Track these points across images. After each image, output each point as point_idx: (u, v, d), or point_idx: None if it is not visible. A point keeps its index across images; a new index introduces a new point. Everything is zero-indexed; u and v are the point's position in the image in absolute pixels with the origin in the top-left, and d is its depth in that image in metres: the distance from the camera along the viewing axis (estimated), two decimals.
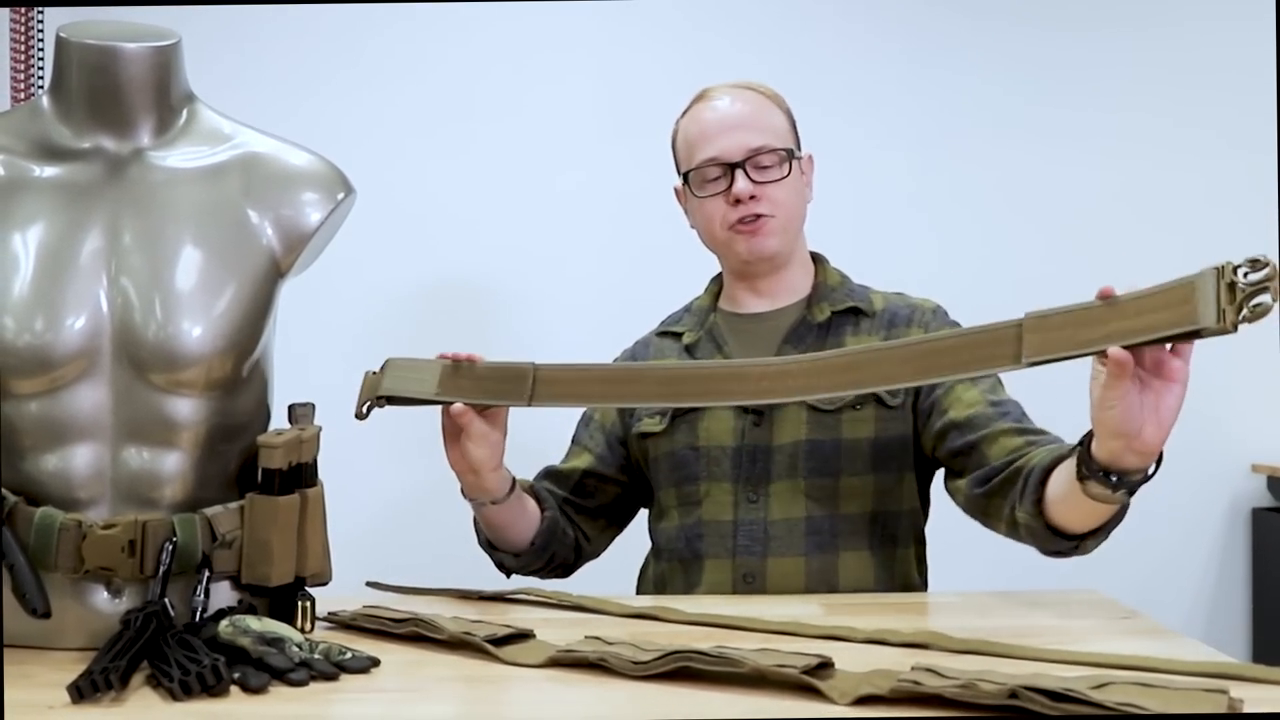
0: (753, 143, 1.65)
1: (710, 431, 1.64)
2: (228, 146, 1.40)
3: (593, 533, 1.78)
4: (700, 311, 1.77)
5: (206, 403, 1.31)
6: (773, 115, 1.69)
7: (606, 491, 1.77)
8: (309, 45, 2.71)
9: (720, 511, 1.63)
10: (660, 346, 1.77)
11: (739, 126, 1.66)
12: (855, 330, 1.67)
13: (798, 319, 1.68)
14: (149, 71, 1.35)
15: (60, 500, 1.27)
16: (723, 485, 1.63)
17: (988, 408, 1.55)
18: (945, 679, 0.98)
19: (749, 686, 1.05)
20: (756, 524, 1.60)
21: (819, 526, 1.60)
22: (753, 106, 1.68)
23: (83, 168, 1.34)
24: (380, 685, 1.13)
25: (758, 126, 1.66)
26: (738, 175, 1.63)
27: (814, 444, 1.60)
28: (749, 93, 1.70)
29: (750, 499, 1.61)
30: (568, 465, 1.78)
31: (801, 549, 1.59)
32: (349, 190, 1.42)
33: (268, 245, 1.37)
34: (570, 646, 1.17)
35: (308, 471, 1.35)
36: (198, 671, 1.07)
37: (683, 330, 1.76)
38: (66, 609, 1.26)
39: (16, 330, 1.26)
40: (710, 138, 1.66)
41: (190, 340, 1.28)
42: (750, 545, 1.60)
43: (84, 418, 1.28)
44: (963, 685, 0.95)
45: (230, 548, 1.31)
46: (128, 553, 1.26)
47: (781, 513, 1.60)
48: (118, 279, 1.29)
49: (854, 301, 1.69)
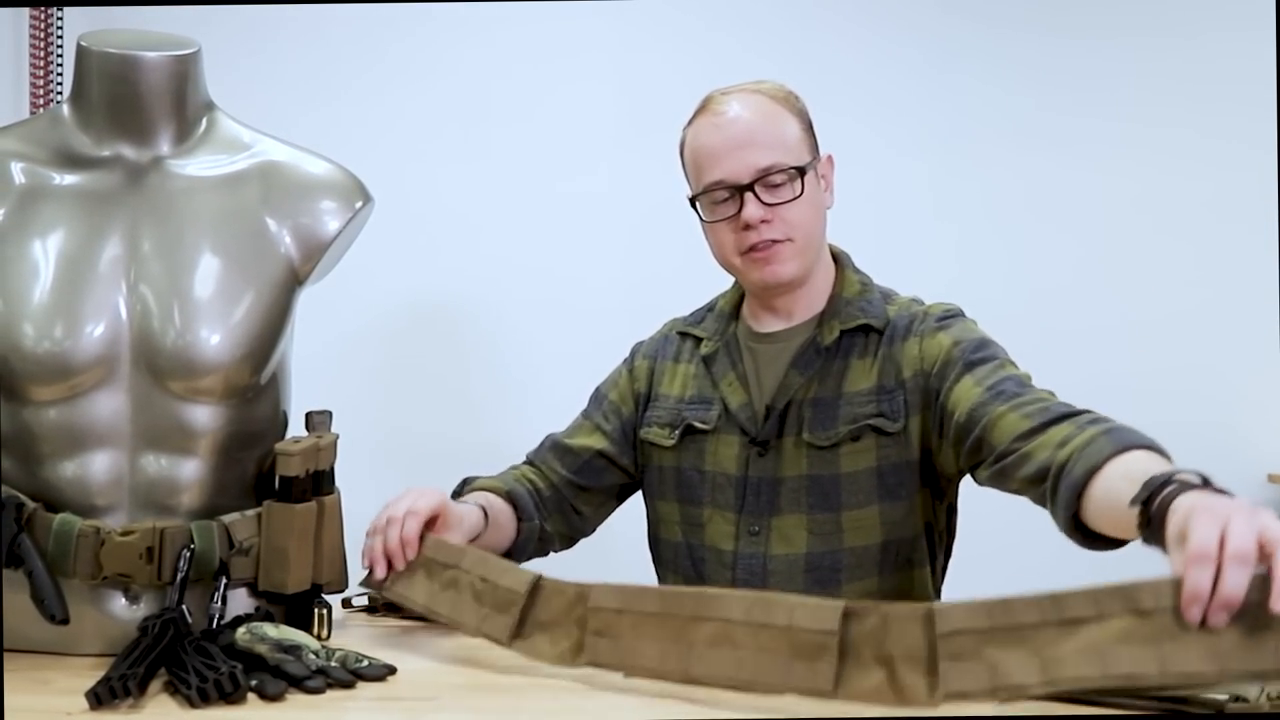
0: (761, 162, 1.54)
1: (717, 456, 1.61)
2: (246, 155, 1.41)
3: (589, 510, 1.73)
4: (722, 318, 1.71)
5: (224, 410, 1.32)
6: (784, 124, 1.58)
7: (613, 474, 1.72)
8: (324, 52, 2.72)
9: (722, 540, 1.59)
10: (680, 348, 1.73)
11: (746, 144, 1.55)
12: (862, 352, 1.58)
13: (807, 340, 1.61)
14: (169, 80, 1.36)
15: (79, 507, 1.28)
16: (725, 514, 1.59)
17: (983, 395, 1.44)
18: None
19: (763, 696, 1.05)
20: (756, 558, 1.56)
21: (818, 562, 1.55)
22: (761, 117, 1.57)
23: (102, 176, 1.35)
24: (396, 693, 1.14)
25: (766, 142, 1.55)
26: (747, 199, 1.53)
27: (814, 479, 1.55)
28: (757, 98, 1.59)
29: (752, 531, 1.57)
30: (578, 442, 1.72)
31: (800, 585, 1.54)
32: (367, 199, 1.43)
33: (286, 253, 1.37)
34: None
35: (325, 479, 1.36)
36: (215, 678, 1.07)
37: (703, 335, 1.71)
38: (84, 615, 1.27)
39: (36, 337, 1.26)
40: (716, 158, 1.56)
41: (208, 348, 1.29)
42: (749, 580, 1.56)
43: (102, 425, 1.29)
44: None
45: (247, 555, 1.32)
46: (146, 559, 1.26)
47: (782, 548, 1.56)
48: (137, 286, 1.30)
49: (865, 319, 1.59)
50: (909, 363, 1.54)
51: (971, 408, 1.44)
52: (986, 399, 1.43)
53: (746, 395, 1.61)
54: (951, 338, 1.53)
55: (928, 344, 1.54)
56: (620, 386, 1.75)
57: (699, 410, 1.63)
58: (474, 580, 1.29)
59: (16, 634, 1.28)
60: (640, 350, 1.78)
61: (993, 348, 1.53)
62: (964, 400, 1.46)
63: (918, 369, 1.53)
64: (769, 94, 1.60)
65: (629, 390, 1.73)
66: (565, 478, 1.70)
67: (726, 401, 1.61)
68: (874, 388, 1.55)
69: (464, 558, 1.32)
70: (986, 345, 1.53)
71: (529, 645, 1.21)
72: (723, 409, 1.61)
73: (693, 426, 1.62)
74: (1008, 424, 1.38)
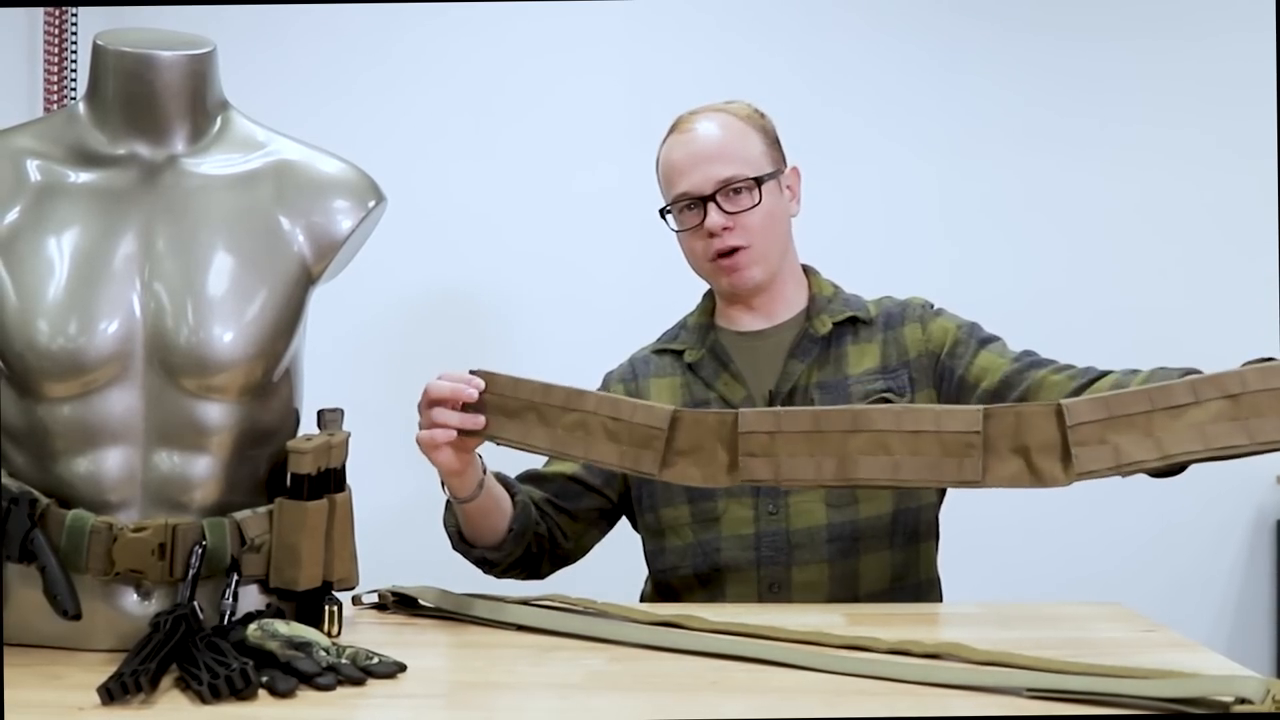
0: (722, 174, 1.67)
1: None
2: (261, 154, 1.41)
3: (571, 533, 1.74)
4: (698, 329, 1.77)
5: (237, 408, 1.32)
6: (746, 140, 1.70)
7: (591, 497, 1.74)
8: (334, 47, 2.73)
9: (741, 526, 1.64)
10: (660, 364, 1.77)
11: (709, 159, 1.68)
12: (856, 339, 1.70)
13: (799, 333, 1.71)
14: (184, 79, 1.37)
15: (91, 503, 1.28)
16: (742, 501, 1.64)
17: (1013, 364, 1.59)
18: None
19: (765, 695, 1.06)
20: (779, 534, 1.62)
21: (840, 532, 1.62)
22: (726, 133, 1.70)
23: (117, 174, 1.36)
24: (407, 690, 1.14)
25: (726, 156, 1.68)
26: (709, 208, 1.66)
27: None
28: (723, 116, 1.72)
29: (770, 511, 1.63)
30: (550, 469, 1.75)
31: (824, 555, 1.62)
32: (380, 198, 1.43)
33: (299, 252, 1.38)
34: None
35: (336, 477, 1.36)
36: (226, 675, 1.08)
37: (683, 348, 1.76)
38: (96, 611, 1.28)
39: (50, 334, 1.27)
40: (683, 172, 1.69)
41: (221, 346, 1.30)
42: (774, 555, 1.62)
43: (116, 421, 1.29)
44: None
45: (259, 552, 1.32)
46: (158, 555, 1.27)
47: (802, 521, 1.63)
48: (151, 284, 1.31)
49: (852, 311, 1.72)
50: (913, 344, 1.69)
51: (1006, 375, 1.59)
52: (1020, 366, 1.59)
53: (745, 389, 1.68)
54: (954, 322, 1.70)
55: (932, 327, 1.70)
56: None
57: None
58: (604, 421, 1.35)
59: (29, 629, 1.29)
60: (613, 377, 1.81)
61: (988, 330, 1.70)
62: (993, 369, 1.61)
63: (923, 349, 1.68)
64: (734, 113, 1.74)
65: None
66: (544, 498, 1.72)
67: (726, 398, 1.67)
68: (878, 367, 1.67)
69: (585, 400, 1.37)
70: (983, 327, 1.70)
71: (677, 472, 1.31)
72: (722, 405, 1.65)
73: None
74: (1054, 383, 1.53)
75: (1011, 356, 1.62)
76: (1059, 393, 1.49)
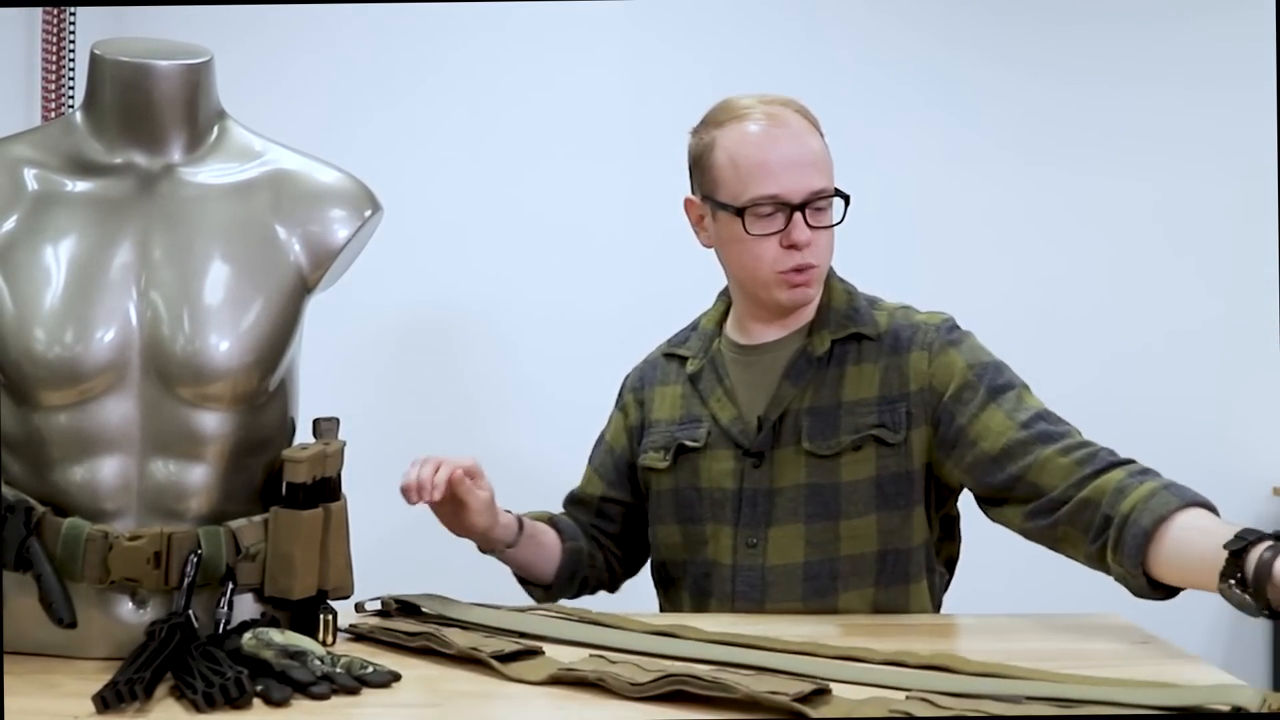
0: (815, 184, 1.54)
1: (711, 473, 1.60)
2: (257, 163, 1.41)
3: (623, 554, 1.77)
4: (706, 336, 1.71)
5: (233, 417, 1.32)
6: (823, 147, 1.58)
7: (626, 516, 1.75)
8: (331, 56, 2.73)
9: (721, 555, 1.59)
10: (666, 371, 1.73)
11: (805, 164, 1.54)
12: (858, 359, 1.59)
13: (798, 351, 1.60)
14: (181, 89, 1.37)
15: (87, 511, 1.28)
16: (724, 529, 1.59)
17: (1019, 431, 1.47)
18: (939, 708, 1.00)
19: (745, 710, 1.06)
20: (754, 570, 1.56)
21: (816, 571, 1.55)
22: (808, 136, 1.57)
23: (114, 183, 1.36)
24: (401, 700, 1.14)
25: (820, 164, 1.56)
26: (797, 220, 1.53)
27: (814, 488, 1.55)
28: (799, 119, 1.58)
29: (749, 544, 1.57)
30: (584, 491, 1.78)
31: (799, 595, 1.55)
32: (376, 208, 1.44)
33: (295, 261, 1.38)
34: (573, 665, 1.18)
35: (332, 486, 1.36)
36: (221, 684, 1.08)
37: (688, 355, 1.71)
38: (92, 619, 1.28)
39: (47, 342, 1.27)
40: (774, 173, 1.53)
41: (218, 355, 1.30)
42: (748, 591, 1.56)
43: (112, 430, 1.29)
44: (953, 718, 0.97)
45: (254, 560, 1.32)
46: (153, 564, 1.27)
47: (779, 558, 1.56)
48: (147, 293, 1.31)
49: (855, 327, 1.60)
50: (916, 376, 1.55)
51: (1008, 444, 1.47)
52: (1027, 438, 1.46)
53: (736, 409, 1.62)
54: (964, 359, 1.55)
55: (939, 361, 1.55)
56: (614, 426, 1.79)
57: (689, 429, 1.64)
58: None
59: (24, 637, 1.29)
60: (627, 384, 1.81)
61: (1007, 372, 1.55)
62: (996, 432, 1.48)
63: (926, 384, 1.55)
64: (801, 112, 1.60)
65: (622, 428, 1.76)
66: (588, 523, 1.75)
67: (716, 417, 1.62)
68: (876, 397, 1.56)
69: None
70: (1001, 370, 1.55)
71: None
72: (713, 424, 1.62)
73: (685, 446, 1.63)
74: (1057, 468, 1.43)
75: (1020, 421, 1.47)
76: (1059, 478, 1.41)
